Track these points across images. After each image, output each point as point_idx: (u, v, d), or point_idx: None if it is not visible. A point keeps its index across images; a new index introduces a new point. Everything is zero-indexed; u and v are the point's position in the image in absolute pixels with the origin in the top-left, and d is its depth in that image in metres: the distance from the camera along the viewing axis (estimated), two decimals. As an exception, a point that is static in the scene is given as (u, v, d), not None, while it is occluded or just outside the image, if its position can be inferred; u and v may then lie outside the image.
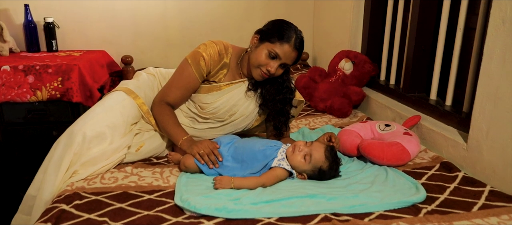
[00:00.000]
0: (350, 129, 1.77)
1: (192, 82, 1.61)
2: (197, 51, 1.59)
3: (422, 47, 1.99)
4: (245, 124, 1.71)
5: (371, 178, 1.45)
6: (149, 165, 1.58)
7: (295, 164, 1.43)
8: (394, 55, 2.25)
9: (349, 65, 2.40)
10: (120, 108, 1.60)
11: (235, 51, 1.65)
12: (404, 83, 2.11)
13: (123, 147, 1.56)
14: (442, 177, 1.46)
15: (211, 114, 1.64)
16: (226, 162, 1.47)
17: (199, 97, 1.64)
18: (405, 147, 1.56)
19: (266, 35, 1.51)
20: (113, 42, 2.91)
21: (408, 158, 1.56)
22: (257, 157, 1.44)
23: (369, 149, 1.56)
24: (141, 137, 1.66)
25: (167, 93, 1.65)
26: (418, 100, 1.97)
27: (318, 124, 2.16)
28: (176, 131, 1.59)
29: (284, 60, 1.51)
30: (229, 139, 1.56)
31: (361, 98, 2.32)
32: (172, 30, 2.97)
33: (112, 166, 1.53)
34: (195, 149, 1.48)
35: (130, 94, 1.66)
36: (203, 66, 1.57)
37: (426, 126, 1.79)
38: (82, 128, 1.47)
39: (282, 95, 1.62)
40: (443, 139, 1.68)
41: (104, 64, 2.72)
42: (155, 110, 1.65)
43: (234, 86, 1.63)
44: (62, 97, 2.23)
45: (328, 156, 1.43)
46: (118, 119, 1.57)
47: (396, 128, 1.73)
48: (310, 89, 2.43)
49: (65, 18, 2.78)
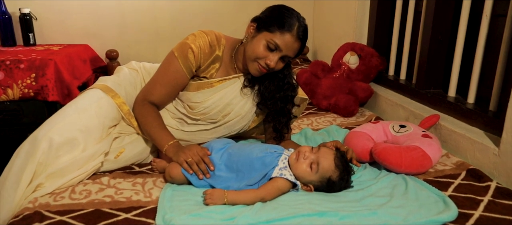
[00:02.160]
0: (360, 130, 1.57)
1: (179, 78, 1.43)
2: (184, 42, 1.41)
3: (439, 37, 1.80)
4: (241, 125, 1.53)
5: (388, 189, 1.25)
6: (130, 175, 1.39)
7: (300, 173, 1.23)
8: (405, 47, 2.07)
9: (354, 59, 2.21)
10: (95, 109, 1.41)
11: (228, 43, 1.47)
12: (417, 78, 1.93)
13: (99, 154, 1.37)
14: (471, 188, 1.26)
15: (201, 115, 1.47)
16: (218, 172, 1.28)
17: (188, 96, 1.46)
18: (425, 152, 1.35)
19: (264, 23, 1.33)
20: (97, 35, 2.72)
21: (429, 164, 1.36)
22: (255, 166, 1.25)
23: (384, 154, 1.35)
24: (121, 142, 1.47)
25: (150, 91, 1.47)
26: (435, 97, 1.79)
27: (322, 124, 1.96)
28: (160, 135, 1.40)
29: (285, 52, 1.32)
30: (222, 144, 1.37)
31: (368, 95, 2.13)
32: (161, 21, 2.80)
33: (85, 177, 1.33)
34: (182, 156, 1.29)
35: (108, 93, 1.47)
36: (192, 59, 1.39)
37: (447, 127, 1.59)
38: (48, 133, 1.28)
39: (282, 93, 1.45)
40: (468, 142, 1.48)
41: (86, 59, 2.54)
42: (137, 111, 1.47)
43: (228, 82, 1.46)
44: (37, 96, 2.05)
45: (338, 164, 1.22)
46: (93, 122, 1.38)
47: (413, 129, 1.52)
48: (312, 86, 2.25)
49: (43, 9, 2.59)
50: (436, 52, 1.82)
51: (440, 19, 1.77)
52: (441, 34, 1.79)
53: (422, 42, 1.89)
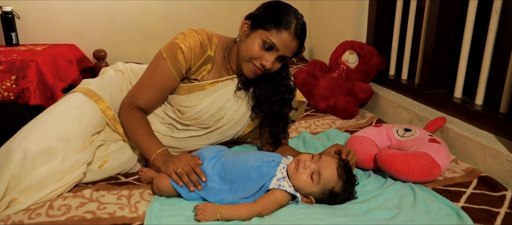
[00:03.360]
0: (362, 135, 1.47)
1: (168, 81, 1.34)
2: (173, 42, 1.31)
3: (444, 34, 1.71)
4: (235, 131, 1.44)
5: (395, 200, 1.15)
6: (115, 186, 1.28)
7: (300, 184, 1.13)
8: (406, 45, 1.98)
9: (354, 58, 2.12)
10: (77, 115, 1.30)
11: (221, 42, 1.37)
12: (421, 78, 1.84)
13: (81, 164, 1.26)
14: (485, 198, 1.16)
15: (193, 120, 1.37)
16: (211, 183, 1.18)
17: (178, 99, 1.37)
18: (434, 159, 1.26)
19: (260, 21, 1.23)
20: (84, 34, 2.63)
21: (438, 172, 1.27)
22: (251, 176, 1.15)
23: (390, 161, 1.26)
24: (106, 150, 1.37)
25: (137, 95, 1.36)
26: (440, 98, 1.69)
27: (321, 127, 1.86)
28: (148, 143, 1.30)
29: (282, 52, 1.23)
30: (214, 152, 1.26)
31: (368, 96, 2.04)
32: (151, 20, 2.71)
33: (65, 190, 1.23)
34: (171, 166, 1.19)
35: (92, 97, 1.36)
36: (182, 60, 1.30)
37: (454, 131, 1.50)
38: (23, 142, 1.18)
39: (279, 95, 1.36)
40: (478, 147, 1.38)
41: (73, 60, 2.43)
42: (123, 116, 1.37)
43: (221, 84, 1.37)
44: (17, 99, 1.95)
45: (341, 174, 1.12)
46: (74, 129, 1.27)
47: (419, 133, 1.43)
48: (309, 86, 2.15)
49: (26, 7, 2.48)
50: (441, 51, 1.74)
51: (445, 15, 1.68)
52: (446, 31, 1.70)
53: (425, 40, 1.80)
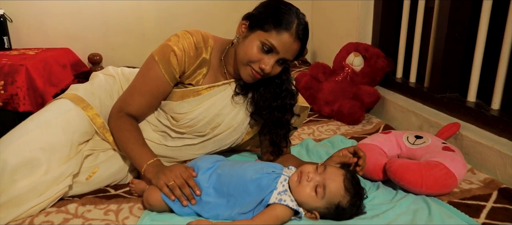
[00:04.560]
0: (370, 142, 1.37)
1: (160, 86, 1.26)
2: (166, 44, 1.23)
3: (456, 34, 1.61)
4: (233, 139, 1.35)
5: (408, 215, 1.06)
6: (103, 200, 1.19)
7: (303, 198, 1.03)
8: (414, 46, 1.89)
9: (359, 60, 2.04)
10: (62, 123, 1.21)
11: (217, 44, 1.29)
12: (431, 81, 1.75)
13: (66, 176, 1.17)
14: (508, 213, 1.06)
15: (187, 127, 1.29)
16: (206, 197, 1.09)
17: (171, 106, 1.29)
18: (449, 169, 1.16)
19: (258, 21, 1.15)
20: (79, 38, 2.58)
21: (454, 184, 1.16)
22: (249, 190, 1.06)
23: (401, 172, 1.16)
24: (95, 160, 1.28)
25: (127, 101, 1.28)
26: (452, 103, 1.60)
27: (325, 134, 1.77)
28: (139, 153, 1.22)
29: (283, 55, 1.15)
30: (210, 163, 1.17)
31: (375, 100, 1.95)
32: (148, 22, 2.67)
33: (48, 205, 1.14)
34: (162, 179, 1.10)
35: (79, 103, 1.27)
36: (175, 64, 1.22)
37: (469, 137, 1.40)
38: (2, 153, 1.10)
39: (280, 101, 1.28)
40: (497, 156, 1.29)
41: (67, 64, 2.37)
42: (113, 124, 1.28)
43: (217, 90, 1.29)
44: (6, 106, 1.88)
45: (348, 187, 1.02)
46: (59, 138, 1.19)
47: (431, 140, 1.32)
48: (312, 90, 2.07)
49: (19, 11, 2.45)
50: (453, 51, 1.64)
51: (457, 13, 1.59)
52: (458, 30, 1.61)
53: (435, 40, 1.71)
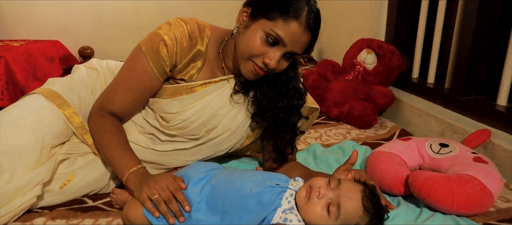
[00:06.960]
0: (388, 151, 1.21)
1: (148, 81, 1.13)
2: (156, 32, 1.11)
3: (485, 29, 1.47)
4: (231, 144, 1.21)
5: (438, 241, 0.88)
6: (77, 213, 1.05)
7: (312, 219, 0.88)
8: (434, 43, 1.76)
9: (371, 58, 1.93)
10: (32, 122, 1.07)
11: (215, 34, 1.16)
12: (454, 82, 1.62)
13: (34, 184, 1.03)
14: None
15: (179, 129, 1.17)
16: (196, 214, 0.94)
17: (161, 104, 1.16)
18: (485, 185, 0.99)
19: (262, 8, 1.02)
20: (69, 30, 2.50)
21: (490, 202, 1.00)
22: (248, 206, 0.91)
23: (428, 188, 0.99)
24: (71, 166, 1.14)
25: (110, 98, 1.15)
26: (479, 106, 1.46)
27: (333, 138, 1.62)
28: (120, 158, 1.07)
29: (290, 47, 1.01)
30: (203, 172, 1.02)
31: (389, 102, 1.81)
32: (143, 14, 2.60)
33: (11, 219, 0.99)
34: (145, 191, 0.96)
35: (54, 100, 1.13)
36: (165, 56, 1.09)
37: (502, 147, 1.25)
38: None
39: (286, 101, 1.14)
40: (537, 169, 1.11)
41: (55, 58, 2.28)
42: (92, 124, 1.15)
43: (214, 86, 1.16)
44: None
45: (368, 206, 0.86)
46: (27, 140, 1.05)
47: (459, 150, 1.16)
48: (320, 90, 1.94)
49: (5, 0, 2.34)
50: (481, 48, 1.51)
51: (486, 6, 1.45)
52: (488, 25, 1.47)
53: (460, 36, 1.57)
